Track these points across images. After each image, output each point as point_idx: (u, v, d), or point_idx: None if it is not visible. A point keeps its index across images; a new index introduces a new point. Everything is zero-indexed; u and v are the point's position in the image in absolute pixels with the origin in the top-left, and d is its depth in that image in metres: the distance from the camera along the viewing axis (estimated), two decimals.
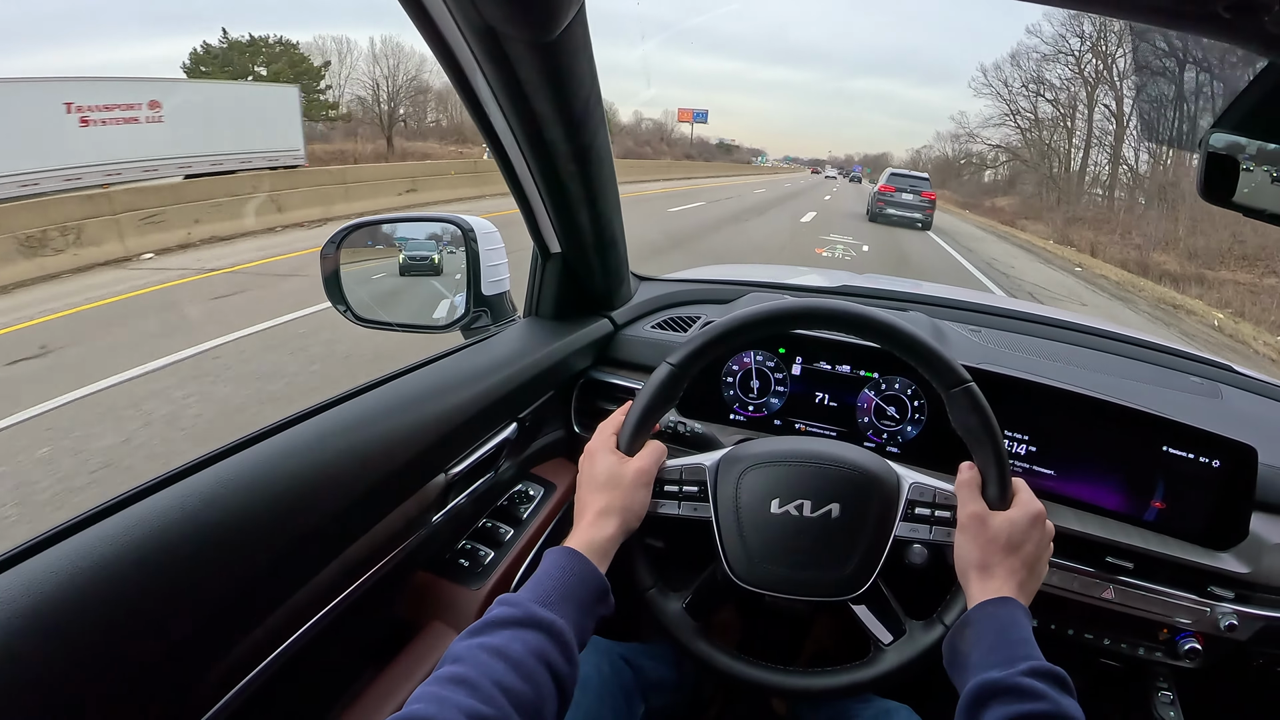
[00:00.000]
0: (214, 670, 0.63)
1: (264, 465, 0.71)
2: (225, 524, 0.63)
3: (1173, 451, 1.05)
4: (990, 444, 0.81)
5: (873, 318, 0.85)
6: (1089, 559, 1.07)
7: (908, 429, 1.18)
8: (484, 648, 0.63)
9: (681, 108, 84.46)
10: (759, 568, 0.84)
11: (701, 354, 0.87)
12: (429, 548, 0.97)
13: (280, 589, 0.69)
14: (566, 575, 0.73)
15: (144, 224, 8.76)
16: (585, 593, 0.73)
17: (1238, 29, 0.56)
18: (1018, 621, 0.73)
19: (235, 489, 0.66)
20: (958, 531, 0.81)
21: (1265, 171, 0.74)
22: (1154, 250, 22.62)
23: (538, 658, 0.64)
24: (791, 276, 1.81)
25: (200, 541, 0.61)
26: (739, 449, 0.89)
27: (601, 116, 0.92)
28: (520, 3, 0.65)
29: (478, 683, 0.59)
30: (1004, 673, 0.66)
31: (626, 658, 1.03)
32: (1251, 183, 0.74)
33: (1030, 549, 0.79)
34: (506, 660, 0.62)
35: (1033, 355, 1.32)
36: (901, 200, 20.02)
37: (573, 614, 0.70)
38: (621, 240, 1.22)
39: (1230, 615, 1.03)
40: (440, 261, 1.27)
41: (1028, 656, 0.68)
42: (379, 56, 41.74)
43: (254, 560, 0.65)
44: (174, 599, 0.58)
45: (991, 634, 0.72)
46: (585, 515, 0.81)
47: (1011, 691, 0.65)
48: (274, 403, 4.12)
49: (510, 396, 1.04)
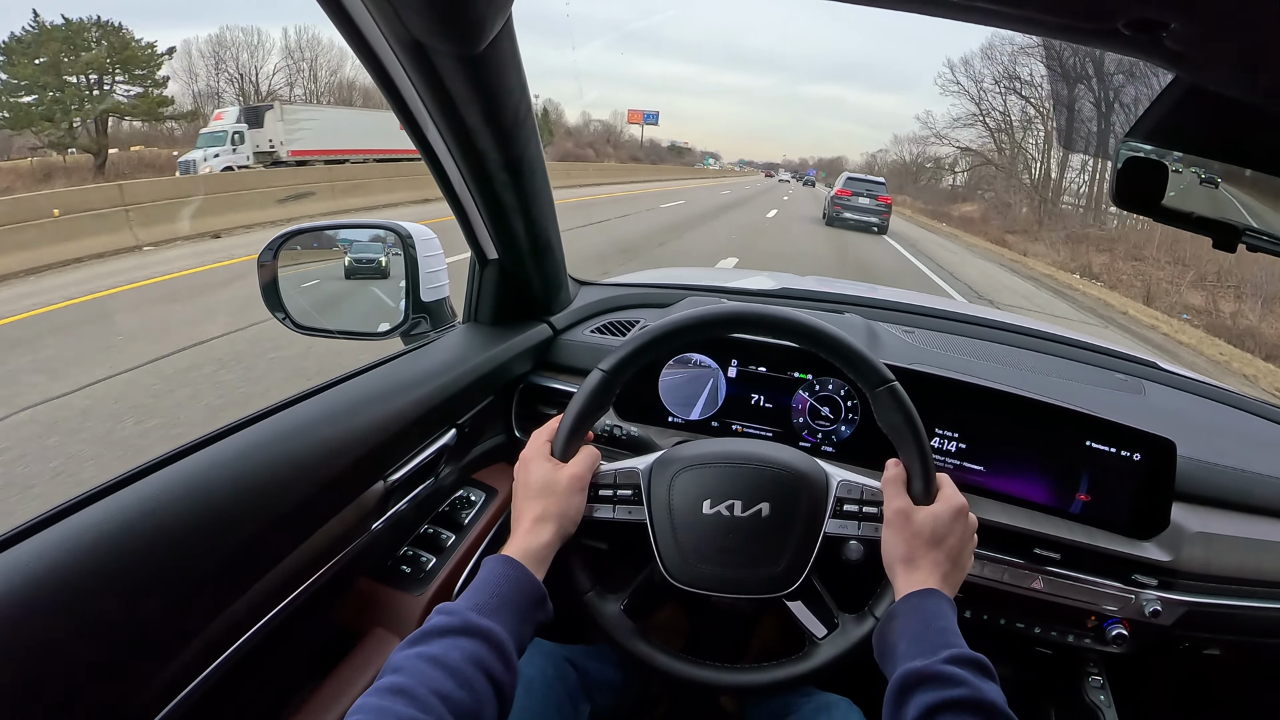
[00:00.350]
0: (152, 682, 0.62)
1: (200, 475, 0.70)
2: (161, 536, 0.63)
3: (1096, 446, 1.09)
4: (914, 441, 0.84)
5: (798, 320, 0.87)
6: (1018, 551, 1.11)
7: (841, 428, 1.20)
8: (422, 657, 0.64)
9: (631, 109, 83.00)
10: (693, 568, 0.85)
11: (633, 359, 0.88)
12: (370, 555, 0.97)
13: (218, 599, 0.69)
14: (503, 583, 0.74)
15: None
16: (522, 599, 0.74)
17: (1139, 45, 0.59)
18: (942, 612, 0.75)
19: (172, 500, 0.66)
20: (884, 526, 0.84)
21: (1193, 173, 0.78)
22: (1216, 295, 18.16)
23: (475, 665, 0.65)
24: (733, 280, 1.84)
25: (136, 554, 0.61)
26: (671, 452, 0.90)
27: (533, 126, 0.93)
28: (445, 18, 0.66)
29: (416, 692, 0.60)
30: (927, 661, 0.69)
31: (571, 659, 1.04)
32: (1180, 184, 0.78)
33: (954, 542, 0.81)
34: (444, 668, 0.63)
35: (964, 355, 1.36)
36: (858, 204, 20.16)
37: (510, 621, 0.71)
38: (558, 246, 1.23)
39: (1154, 602, 1.08)
40: (387, 264, 1.27)
41: (949, 645, 0.71)
42: (293, 50, 39.99)
43: (191, 570, 0.65)
44: (108, 613, 0.58)
45: (916, 625, 0.74)
46: (521, 522, 0.82)
47: (934, 679, 0.67)
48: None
49: (449, 402, 1.04)
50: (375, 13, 0.69)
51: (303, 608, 0.81)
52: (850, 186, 20.92)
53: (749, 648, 1.54)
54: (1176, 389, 1.47)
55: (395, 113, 0.88)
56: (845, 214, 20.15)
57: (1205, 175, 0.76)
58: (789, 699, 1.05)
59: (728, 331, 0.91)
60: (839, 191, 20.92)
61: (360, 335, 1.25)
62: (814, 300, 1.64)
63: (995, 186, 40.24)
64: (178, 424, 3.65)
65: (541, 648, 1.01)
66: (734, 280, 1.83)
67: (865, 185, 21.06)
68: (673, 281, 1.68)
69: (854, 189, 20.69)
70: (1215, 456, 1.19)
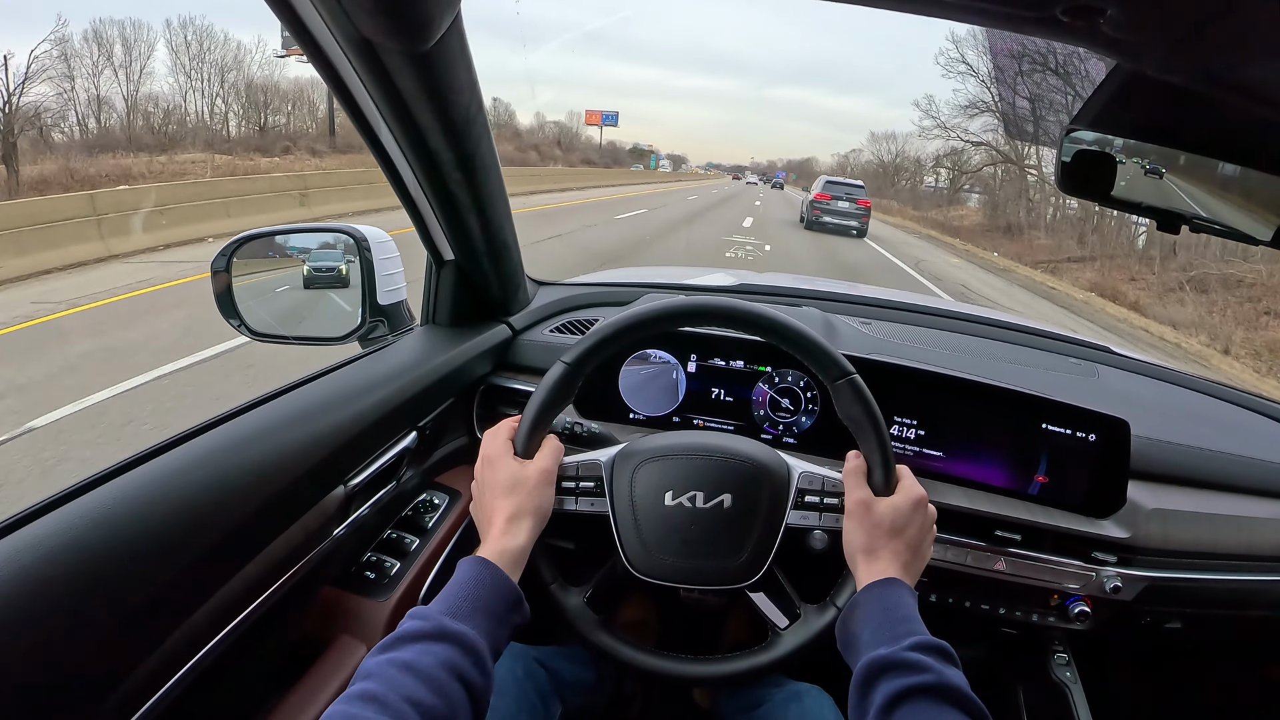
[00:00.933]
0: (110, 698, 0.61)
1: (154, 484, 0.69)
2: (115, 546, 0.62)
3: (1052, 429, 1.11)
4: (874, 433, 0.85)
5: (760, 314, 0.87)
6: (979, 534, 1.13)
7: (802, 419, 1.21)
8: (394, 663, 0.63)
9: (590, 109, 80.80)
10: (655, 559, 0.86)
11: (595, 351, 0.88)
12: (334, 561, 0.96)
13: (176, 611, 0.67)
14: (478, 586, 0.73)
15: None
16: (498, 602, 0.73)
17: (1077, 31, 0.59)
18: (903, 600, 0.76)
19: (125, 509, 0.65)
20: (845, 517, 0.85)
21: (1135, 164, 0.79)
22: None
23: (449, 670, 0.64)
24: (692, 277, 1.85)
25: (89, 566, 0.59)
26: (633, 444, 0.91)
27: (485, 124, 0.92)
28: (392, 14, 0.66)
29: (388, 699, 0.59)
30: (891, 649, 0.70)
31: (541, 660, 1.04)
32: (1127, 175, 0.79)
33: (913, 532, 0.83)
34: (417, 675, 0.62)
35: (921, 344, 1.38)
36: (837, 208, 20.02)
37: (485, 624, 0.70)
38: (515, 246, 1.22)
39: (1114, 578, 1.11)
40: (347, 272, 1.25)
41: (912, 632, 0.72)
42: (177, 48, 34.13)
43: (146, 582, 0.63)
44: (58, 630, 0.56)
45: (879, 614, 0.75)
46: (494, 523, 0.81)
47: (898, 666, 0.68)
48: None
49: (409, 405, 1.04)
50: (323, 11, 0.68)
51: (265, 617, 0.80)
52: (829, 190, 20.74)
53: (721, 642, 1.55)
54: (1129, 371, 1.50)
55: (346, 113, 0.87)
56: (824, 218, 20.05)
57: (1149, 160, 0.78)
58: (760, 689, 1.06)
59: (691, 324, 0.91)
60: (818, 195, 20.72)
61: (318, 341, 1.24)
62: (772, 294, 1.65)
63: (1004, 189, 32.79)
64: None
65: (510, 649, 1.01)
66: (693, 278, 1.84)
67: (844, 189, 20.90)
68: (632, 280, 1.69)
69: (833, 192, 20.54)
70: (1168, 435, 1.22)
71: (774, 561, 0.87)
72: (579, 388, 0.90)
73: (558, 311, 1.45)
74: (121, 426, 3.73)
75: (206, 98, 35.21)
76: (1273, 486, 1.24)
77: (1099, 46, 0.61)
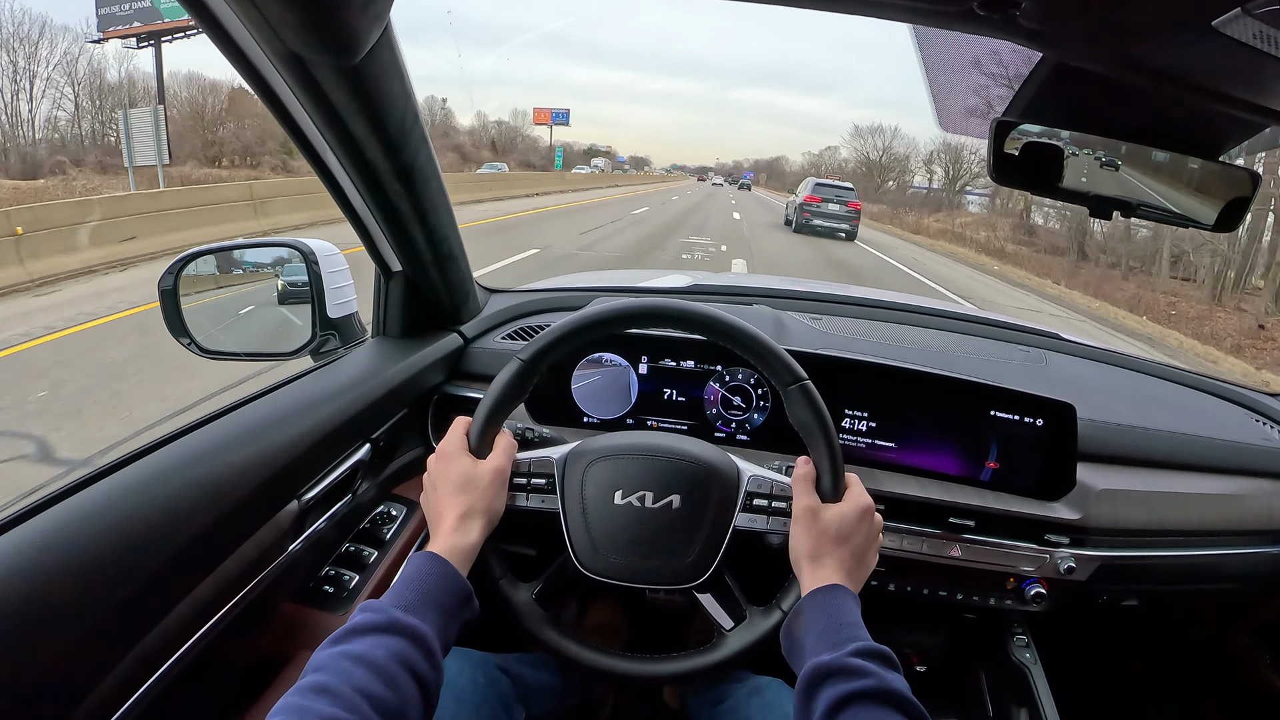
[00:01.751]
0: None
1: (102, 506, 0.68)
2: (64, 571, 0.61)
3: (1001, 415, 1.13)
4: (824, 439, 0.85)
5: (716, 318, 0.88)
6: (934, 521, 1.15)
7: (754, 416, 1.23)
8: (345, 655, 0.63)
9: (538, 107, 77.65)
10: (604, 558, 0.86)
11: (551, 349, 0.88)
12: (291, 578, 0.95)
13: (128, 635, 0.66)
14: (429, 579, 0.74)
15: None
16: (448, 597, 0.74)
17: (996, 24, 0.61)
18: (846, 607, 0.77)
19: (69, 535, 0.64)
20: (792, 523, 0.85)
21: (1086, 154, 0.81)
22: None
23: (400, 662, 0.64)
24: (646, 279, 1.86)
25: (34, 595, 0.58)
26: (586, 443, 0.92)
27: (422, 134, 0.92)
28: (319, 29, 0.65)
29: (339, 690, 0.59)
30: (834, 655, 0.71)
31: (503, 667, 1.03)
32: (1055, 158, 0.80)
33: (859, 540, 0.83)
34: (368, 666, 0.62)
35: (871, 338, 1.39)
36: (828, 211, 19.70)
37: (436, 618, 0.71)
38: (462, 254, 1.22)
39: (1068, 559, 1.13)
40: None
41: (854, 638, 0.73)
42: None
43: (97, 606, 0.62)
44: (8, 659, 0.55)
45: (822, 620, 0.76)
46: (445, 519, 0.82)
47: (841, 672, 0.69)
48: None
49: (361, 417, 1.03)
50: (250, 26, 0.68)
51: (222, 637, 0.79)
52: (819, 193, 20.29)
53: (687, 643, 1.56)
54: (1077, 357, 1.54)
55: (282, 126, 0.86)
56: (815, 221, 19.73)
57: (1078, 149, 0.79)
58: (724, 685, 1.07)
59: (646, 326, 0.92)
60: (808, 198, 20.23)
61: (269, 356, 1.24)
62: (725, 294, 1.66)
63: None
64: None
65: (471, 657, 1.01)
66: (647, 280, 1.85)
67: (834, 191, 20.43)
68: (584, 285, 1.69)
69: (823, 195, 20.12)
70: (1116, 417, 1.25)
71: (721, 563, 0.88)
72: (532, 389, 0.90)
73: (510, 319, 1.44)
74: None
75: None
76: (1219, 462, 1.27)
77: (1019, 38, 0.63)
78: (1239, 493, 1.26)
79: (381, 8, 0.66)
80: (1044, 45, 0.64)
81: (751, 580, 0.94)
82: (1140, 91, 0.71)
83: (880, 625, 1.37)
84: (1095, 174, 0.80)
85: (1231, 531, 1.25)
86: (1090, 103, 0.76)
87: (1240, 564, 1.26)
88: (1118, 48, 0.61)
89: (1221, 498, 1.25)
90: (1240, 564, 1.26)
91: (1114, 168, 0.80)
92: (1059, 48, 0.64)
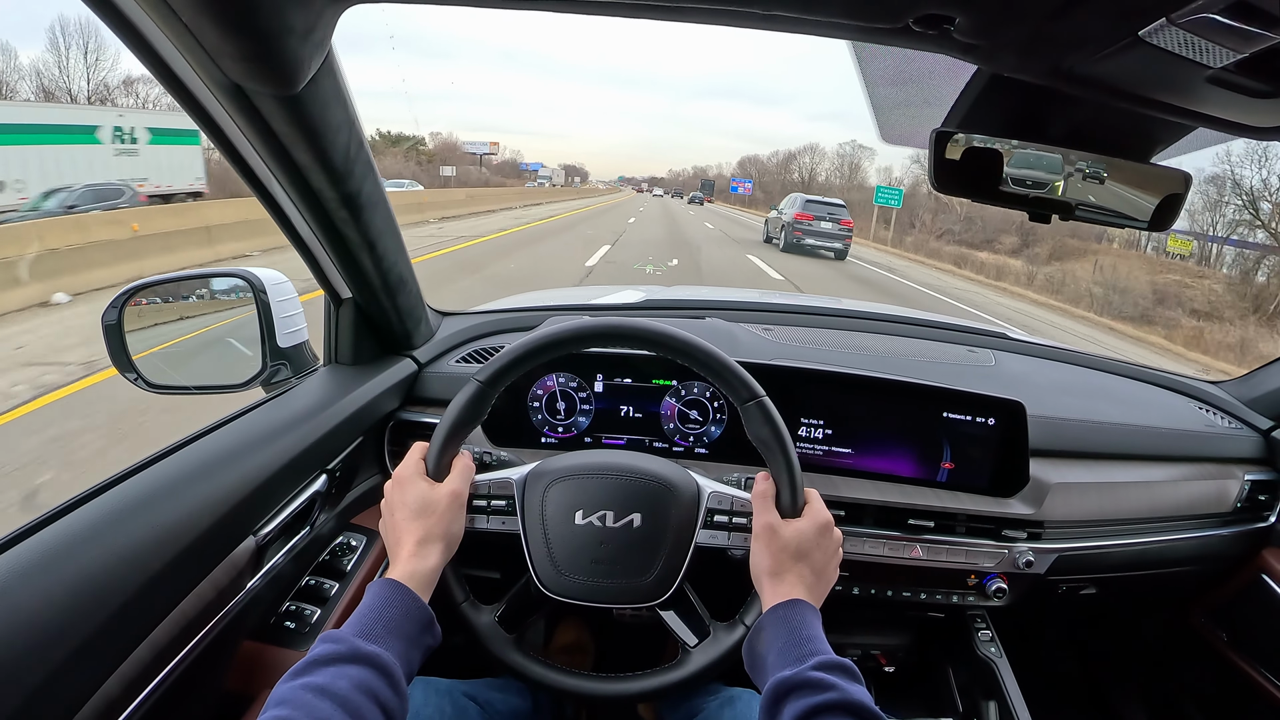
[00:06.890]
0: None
1: (50, 552, 0.66)
2: (15, 619, 0.60)
3: (952, 416, 1.15)
4: (782, 455, 0.85)
5: (672, 336, 0.88)
6: (893, 524, 1.17)
7: (712, 429, 1.23)
8: (308, 687, 0.62)
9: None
10: (566, 578, 0.86)
11: (508, 370, 0.87)
12: (251, 615, 0.93)
13: (85, 683, 0.64)
14: (389, 607, 0.73)
15: None
16: (410, 624, 0.73)
17: (932, 40, 0.62)
18: (807, 621, 0.78)
19: (23, 579, 0.63)
20: (753, 539, 0.86)
21: (1005, 155, 0.82)
22: None
23: (364, 692, 0.63)
24: (597, 297, 1.86)
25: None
26: (545, 463, 0.91)
27: (368, 160, 0.91)
28: (260, 60, 0.64)
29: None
30: (796, 669, 0.71)
31: (470, 694, 1.02)
32: (993, 166, 0.82)
33: (819, 556, 0.84)
34: (332, 698, 0.61)
35: (823, 346, 1.41)
36: (820, 229, 19.07)
37: (398, 646, 0.70)
38: (412, 279, 1.20)
39: (1026, 553, 1.16)
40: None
41: (816, 652, 0.73)
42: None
43: (50, 655, 0.61)
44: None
45: (784, 635, 0.76)
46: (404, 545, 0.81)
47: (804, 686, 0.69)
48: None
49: (316, 447, 1.01)
50: (189, 57, 0.67)
51: (182, 679, 0.78)
52: (811, 210, 19.39)
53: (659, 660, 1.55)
54: (1025, 355, 1.57)
55: (225, 156, 0.85)
56: (807, 239, 19.07)
57: (1016, 156, 0.81)
58: (697, 698, 1.07)
59: (602, 345, 0.91)
60: (798, 215, 19.25)
61: (219, 389, 1.20)
62: (677, 309, 1.67)
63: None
64: None
65: (438, 686, 0.99)
66: (598, 297, 1.84)
67: (826, 209, 19.56)
68: (537, 304, 1.68)
69: (815, 213, 19.27)
70: (1064, 411, 1.28)
71: (684, 580, 0.88)
72: (489, 411, 0.89)
73: (463, 341, 1.43)
74: None
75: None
76: (1166, 450, 1.31)
77: (955, 52, 0.64)
78: (1187, 478, 1.30)
79: (323, 35, 0.66)
80: (979, 58, 0.65)
81: (715, 595, 0.94)
82: (1073, 99, 0.73)
83: (847, 629, 1.40)
84: (1008, 172, 0.82)
85: (1182, 516, 1.29)
86: (1026, 111, 0.78)
87: (1192, 547, 1.30)
88: (1050, 59, 0.63)
89: (1171, 484, 1.28)
90: (1192, 547, 1.30)
91: (1025, 163, 0.82)
92: (993, 61, 0.65)
